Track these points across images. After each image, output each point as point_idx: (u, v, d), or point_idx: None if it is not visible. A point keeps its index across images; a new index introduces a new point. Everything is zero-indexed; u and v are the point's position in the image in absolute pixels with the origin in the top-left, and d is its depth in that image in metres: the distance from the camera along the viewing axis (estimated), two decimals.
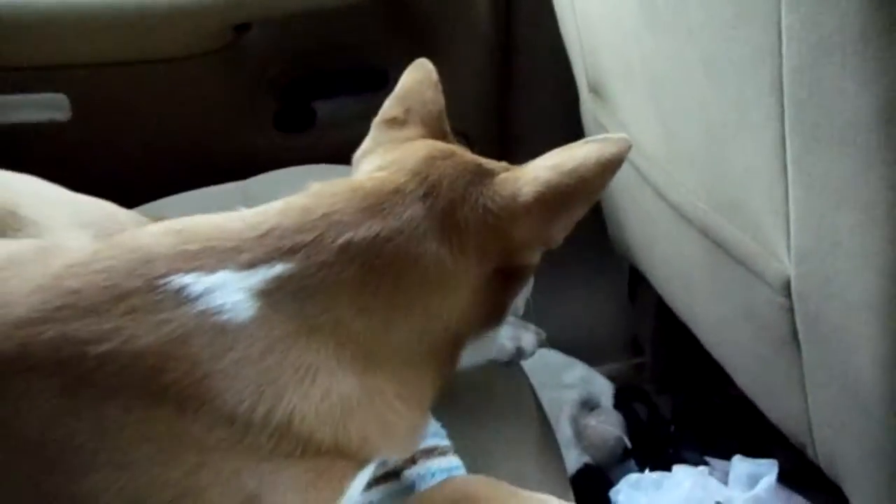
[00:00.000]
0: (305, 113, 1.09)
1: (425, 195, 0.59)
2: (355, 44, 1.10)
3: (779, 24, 0.52)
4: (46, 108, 0.97)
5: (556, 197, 0.60)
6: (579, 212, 0.62)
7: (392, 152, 0.64)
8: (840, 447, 0.68)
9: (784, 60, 0.53)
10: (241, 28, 1.02)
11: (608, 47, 0.85)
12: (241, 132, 1.07)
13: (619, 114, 0.90)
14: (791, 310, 0.64)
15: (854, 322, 0.57)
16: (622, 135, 0.62)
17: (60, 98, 0.97)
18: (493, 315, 0.64)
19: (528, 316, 0.76)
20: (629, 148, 0.60)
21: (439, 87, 0.71)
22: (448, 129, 0.71)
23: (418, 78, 0.71)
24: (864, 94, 0.47)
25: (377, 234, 0.56)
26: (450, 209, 0.59)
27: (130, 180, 0.93)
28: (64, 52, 0.95)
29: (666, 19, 0.67)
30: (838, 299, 0.58)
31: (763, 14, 0.53)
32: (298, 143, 1.08)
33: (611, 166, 0.60)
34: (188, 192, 0.94)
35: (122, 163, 1.04)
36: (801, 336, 0.65)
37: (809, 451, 0.74)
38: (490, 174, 0.62)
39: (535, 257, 0.66)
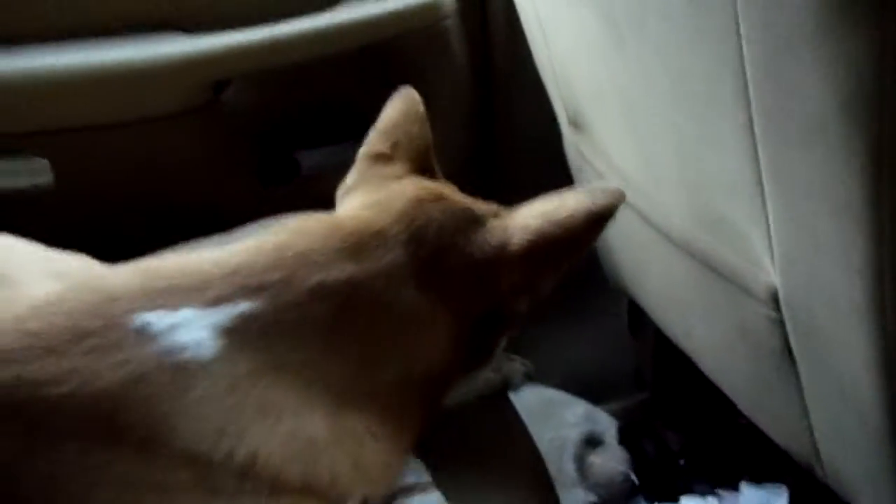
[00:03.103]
0: (288, 164, 1.09)
1: (409, 240, 0.57)
2: (336, 93, 1.10)
3: (737, 31, 0.52)
4: (28, 173, 0.97)
5: (545, 247, 0.58)
6: (568, 263, 0.60)
7: (378, 191, 0.63)
8: (846, 463, 0.66)
9: (746, 67, 0.53)
10: (220, 85, 1.03)
11: (580, 76, 0.85)
12: (224, 186, 1.07)
13: (598, 143, 0.89)
14: (781, 322, 0.63)
15: (843, 328, 0.55)
16: (615, 186, 0.61)
17: (42, 163, 0.97)
18: (477, 359, 0.63)
19: (511, 348, 0.74)
20: (622, 199, 0.59)
21: (426, 120, 0.69)
22: (436, 165, 0.69)
23: (404, 110, 0.69)
24: (825, 89, 0.47)
25: (351, 277, 0.54)
26: (435, 257, 0.57)
27: (114, 241, 0.92)
28: (43, 117, 0.96)
29: (629, 37, 0.67)
30: (826, 306, 0.57)
31: (721, 23, 0.53)
32: (282, 195, 1.07)
33: (602, 219, 0.59)
34: (172, 250, 0.93)
35: (105, 224, 1.03)
36: (794, 349, 0.63)
37: (818, 472, 0.72)
38: (480, 221, 0.60)
39: (522, 305, 0.63)
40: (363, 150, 0.68)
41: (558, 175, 1.06)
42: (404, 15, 1.04)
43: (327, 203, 0.70)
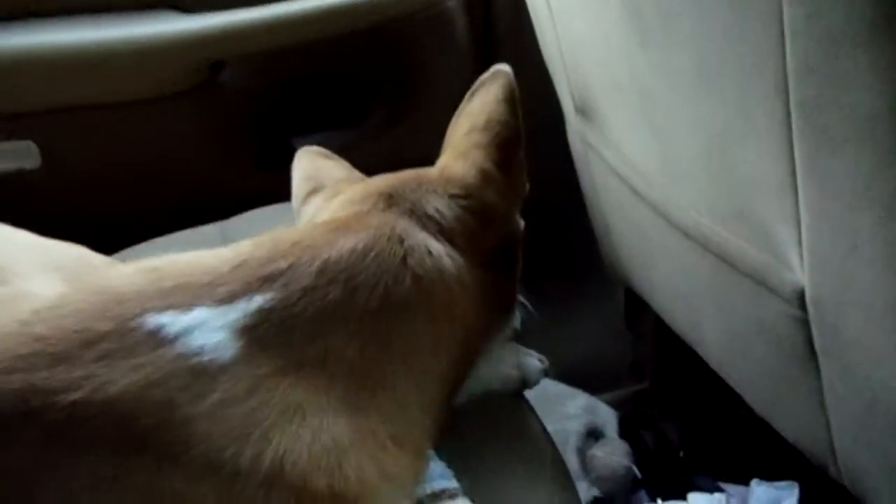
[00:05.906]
0: (284, 149, 1.06)
1: (388, 205, 0.58)
2: (333, 77, 1.08)
3: (780, 21, 0.50)
4: (14, 156, 0.94)
5: (496, 152, 0.63)
6: (520, 148, 0.67)
7: (331, 201, 0.64)
8: (865, 463, 0.65)
9: (788, 60, 0.51)
10: (216, 65, 0.99)
11: (595, 66, 0.83)
12: (219, 171, 1.04)
13: (609, 133, 0.87)
14: (806, 322, 0.61)
15: (876, 330, 0.54)
16: (496, 66, 0.67)
17: (29, 145, 0.93)
18: (503, 308, 0.63)
19: (522, 337, 0.73)
20: (510, 71, 0.66)
21: (340, 159, 0.73)
22: None
23: (317, 163, 0.72)
24: (877, 86, 0.45)
25: (353, 249, 0.53)
26: (419, 207, 0.58)
27: (106, 226, 0.89)
28: (30, 98, 0.92)
29: (656, 32, 0.65)
30: (858, 307, 0.56)
31: (763, 13, 0.51)
32: (278, 181, 1.05)
33: (512, 96, 0.65)
34: (167, 236, 0.90)
35: (97, 209, 1.00)
36: (818, 349, 0.62)
37: (831, 470, 0.71)
38: (429, 172, 0.63)
39: (518, 220, 0.67)
40: (295, 202, 0.70)
41: (560, 163, 1.05)
42: None
43: None
